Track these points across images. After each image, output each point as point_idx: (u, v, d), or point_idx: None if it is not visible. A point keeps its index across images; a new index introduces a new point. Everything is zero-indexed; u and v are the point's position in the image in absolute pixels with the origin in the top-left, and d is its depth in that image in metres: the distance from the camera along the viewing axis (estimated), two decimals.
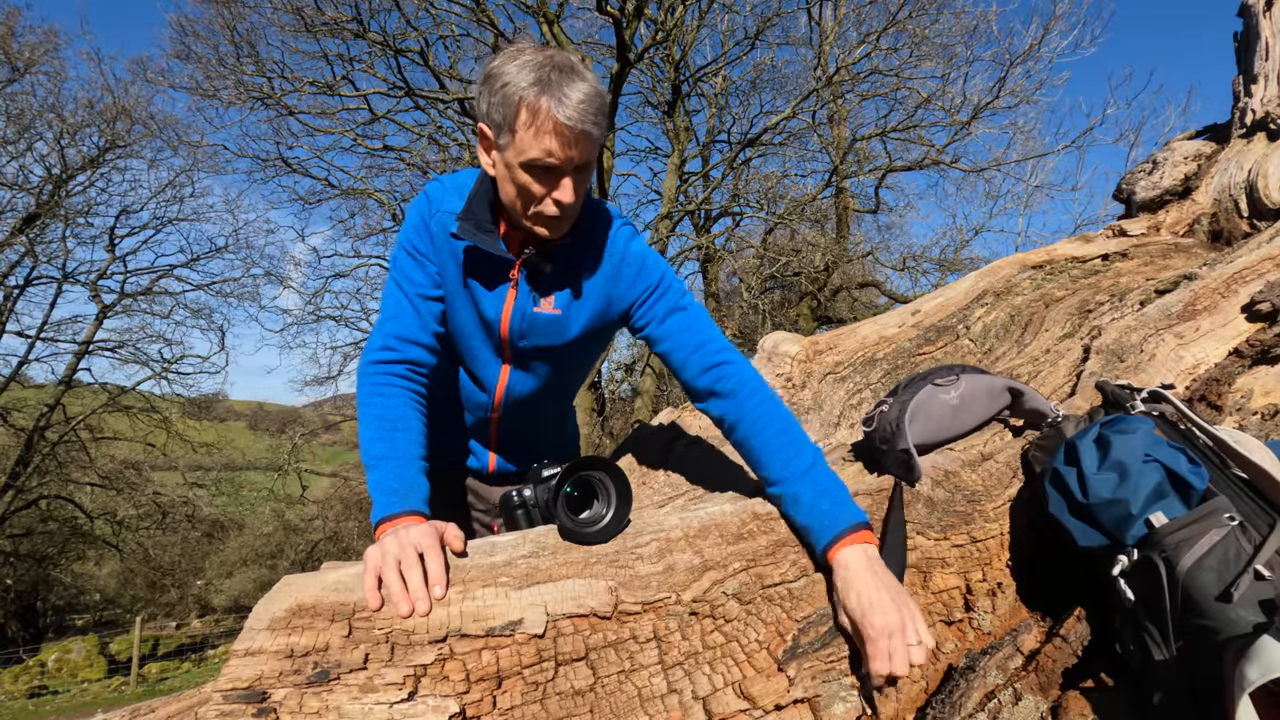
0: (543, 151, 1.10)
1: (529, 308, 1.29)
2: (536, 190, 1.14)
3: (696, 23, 11.08)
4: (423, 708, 0.81)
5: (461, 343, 1.36)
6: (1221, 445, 0.99)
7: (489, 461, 1.54)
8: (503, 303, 1.29)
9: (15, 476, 14.73)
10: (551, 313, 1.30)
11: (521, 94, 1.08)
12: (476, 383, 1.41)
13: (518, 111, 1.10)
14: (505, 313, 1.30)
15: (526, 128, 1.10)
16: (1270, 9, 3.00)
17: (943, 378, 1.35)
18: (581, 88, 1.09)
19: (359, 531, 18.78)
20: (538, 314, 1.30)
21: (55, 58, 14.59)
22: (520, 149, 1.11)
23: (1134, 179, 3.07)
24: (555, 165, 1.12)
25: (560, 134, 1.09)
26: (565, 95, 1.08)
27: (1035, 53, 10.41)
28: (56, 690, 12.73)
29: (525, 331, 1.32)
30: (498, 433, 1.49)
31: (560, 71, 1.09)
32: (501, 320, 1.30)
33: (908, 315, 2.12)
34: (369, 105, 10.90)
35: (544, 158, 1.11)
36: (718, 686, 0.93)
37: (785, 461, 1.13)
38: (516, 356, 1.36)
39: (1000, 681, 0.96)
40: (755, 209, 12.06)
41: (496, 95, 1.12)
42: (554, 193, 1.14)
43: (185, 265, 17.22)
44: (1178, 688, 0.83)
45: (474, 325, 1.33)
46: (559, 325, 1.31)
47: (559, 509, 1.05)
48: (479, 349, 1.35)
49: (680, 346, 1.27)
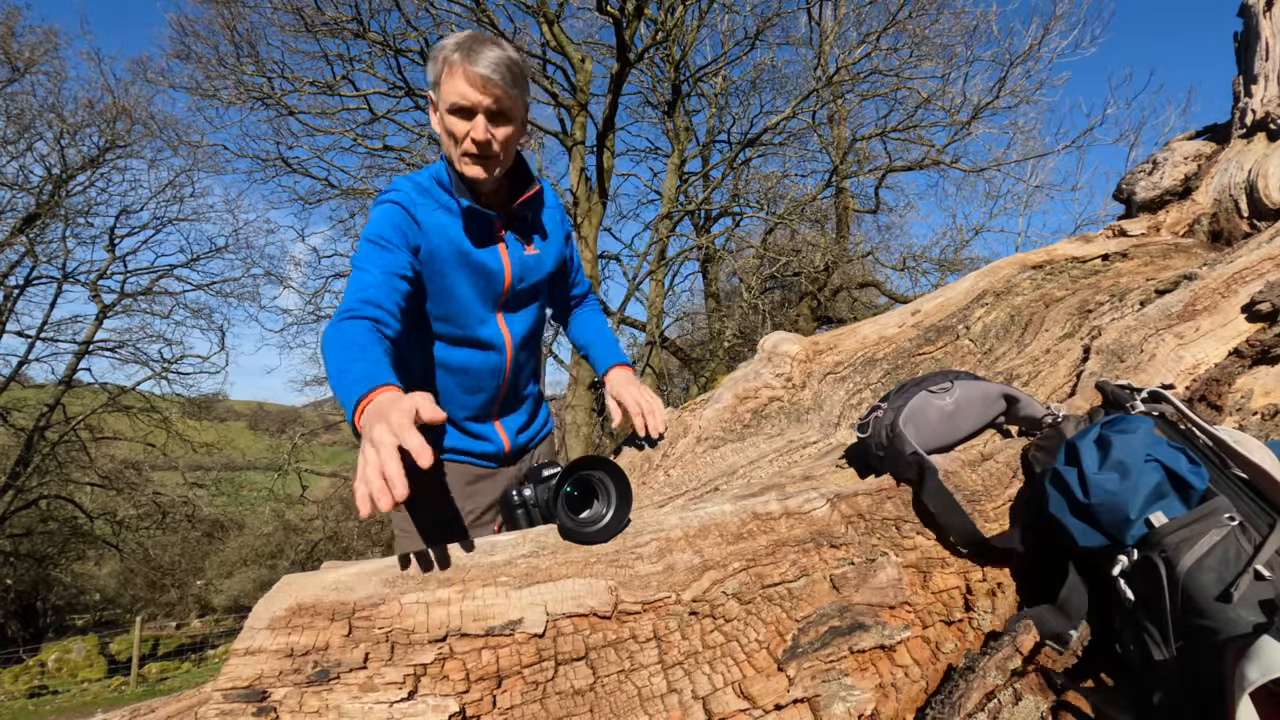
0: (458, 95, 1.38)
1: (521, 253, 1.58)
2: (459, 130, 1.41)
3: (696, 23, 11.08)
4: (423, 707, 0.81)
5: (459, 313, 1.52)
6: (1221, 445, 0.99)
7: (502, 440, 1.68)
8: (498, 255, 1.54)
9: (15, 476, 14.73)
10: (534, 253, 1.61)
11: (446, 55, 1.39)
12: (481, 346, 1.57)
13: (442, 68, 1.39)
14: (506, 262, 1.54)
15: (448, 79, 1.38)
16: (1270, 9, 3.00)
17: (937, 384, 1.34)
18: (493, 51, 1.38)
19: (359, 531, 18.78)
20: (527, 256, 1.59)
21: (55, 58, 14.60)
22: (444, 97, 1.39)
23: (1134, 179, 3.07)
24: (467, 106, 1.39)
25: (471, 80, 1.37)
26: (477, 54, 1.37)
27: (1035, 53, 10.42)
28: (56, 690, 12.73)
29: (523, 274, 1.58)
30: (506, 393, 1.66)
31: (477, 40, 1.39)
32: (505, 269, 1.54)
33: (908, 315, 2.12)
34: (369, 105, 10.90)
35: (459, 100, 1.38)
36: (718, 686, 0.93)
37: (596, 340, 1.83)
38: (509, 302, 1.59)
39: (1000, 681, 0.96)
40: (755, 209, 12.06)
41: (431, 63, 1.43)
42: (472, 132, 1.40)
43: (185, 265, 17.24)
44: (1178, 688, 0.83)
45: (472, 285, 1.51)
46: (540, 262, 1.62)
47: (559, 508, 1.05)
48: (476, 309, 1.54)
49: (575, 266, 1.82)
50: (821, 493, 1.18)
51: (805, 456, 1.55)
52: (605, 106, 10.17)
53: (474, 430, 1.62)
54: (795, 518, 1.14)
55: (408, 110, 11.22)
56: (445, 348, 1.54)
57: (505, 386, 1.64)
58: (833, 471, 1.35)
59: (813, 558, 1.09)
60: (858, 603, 1.04)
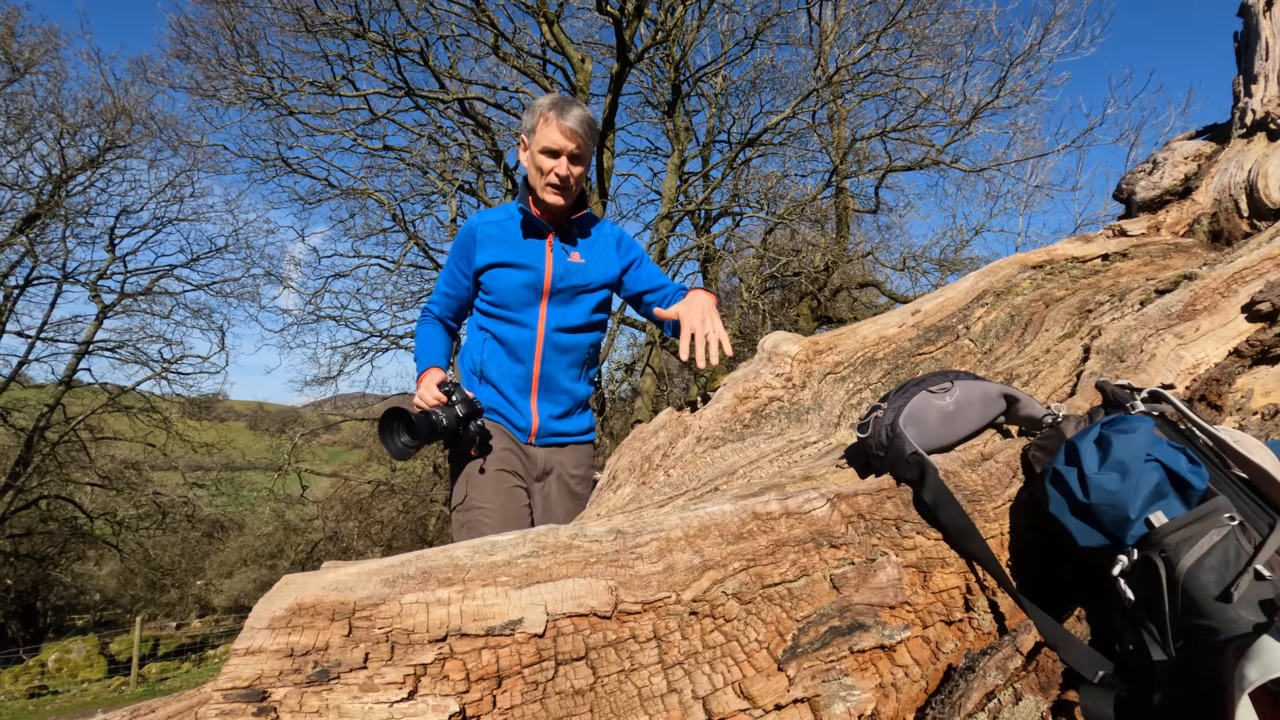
0: (550, 141, 1.90)
1: (564, 258, 2.02)
2: (546, 166, 1.92)
3: (696, 23, 11.08)
4: (423, 707, 0.81)
5: (511, 295, 1.99)
6: (1221, 445, 0.99)
7: (532, 418, 2.03)
8: (544, 255, 2.00)
9: (15, 476, 14.72)
10: (579, 262, 2.04)
11: (542, 110, 1.92)
12: (519, 324, 2.00)
13: (538, 119, 1.92)
14: (548, 261, 2.00)
15: (544, 127, 1.91)
16: (1270, 9, 3.00)
17: (937, 383, 1.34)
18: (579, 110, 1.91)
19: (359, 531, 18.77)
20: (571, 262, 2.02)
21: (55, 58, 14.61)
22: (539, 140, 1.91)
23: (1134, 179, 3.07)
24: (556, 150, 1.91)
25: (563, 131, 1.89)
26: (568, 111, 1.90)
27: (1035, 53, 10.42)
28: (56, 690, 12.74)
29: (563, 274, 2.01)
30: (540, 374, 2.02)
31: (566, 100, 1.93)
32: (546, 266, 1.99)
33: (908, 315, 2.12)
34: (369, 105, 10.90)
35: (550, 145, 1.90)
36: (717, 686, 0.93)
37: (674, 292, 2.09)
38: (554, 294, 2.01)
39: (1000, 681, 0.96)
40: (755, 209, 12.07)
41: (529, 113, 1.97)
42: (555, 168, 1.91)
43: (185, 265, 17.24)
44: (1178, 688, 0.83)
45: (517, 273, 1.97)
46: (584, 270, 2.04)
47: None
48: (521, 294, 1.98)
49: (649, 278, 2.16)
50: (821, 493, 1.18)
51: (805, 456, 1.55)
52: (605, 106, 10.17)
53: (514, 401, 2.03)
54: (795, 518, 1.14)
55: (408, 110, 11.24)
56: (496, 323, 2.02)
57: (538, 365, 2.01)
58: (833, 471, 1.35)
59: (813, 558, 1.09)
60: (858, 603, 1.04)
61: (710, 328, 1.72)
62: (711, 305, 1.81)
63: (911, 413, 1.27)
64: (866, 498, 1.19)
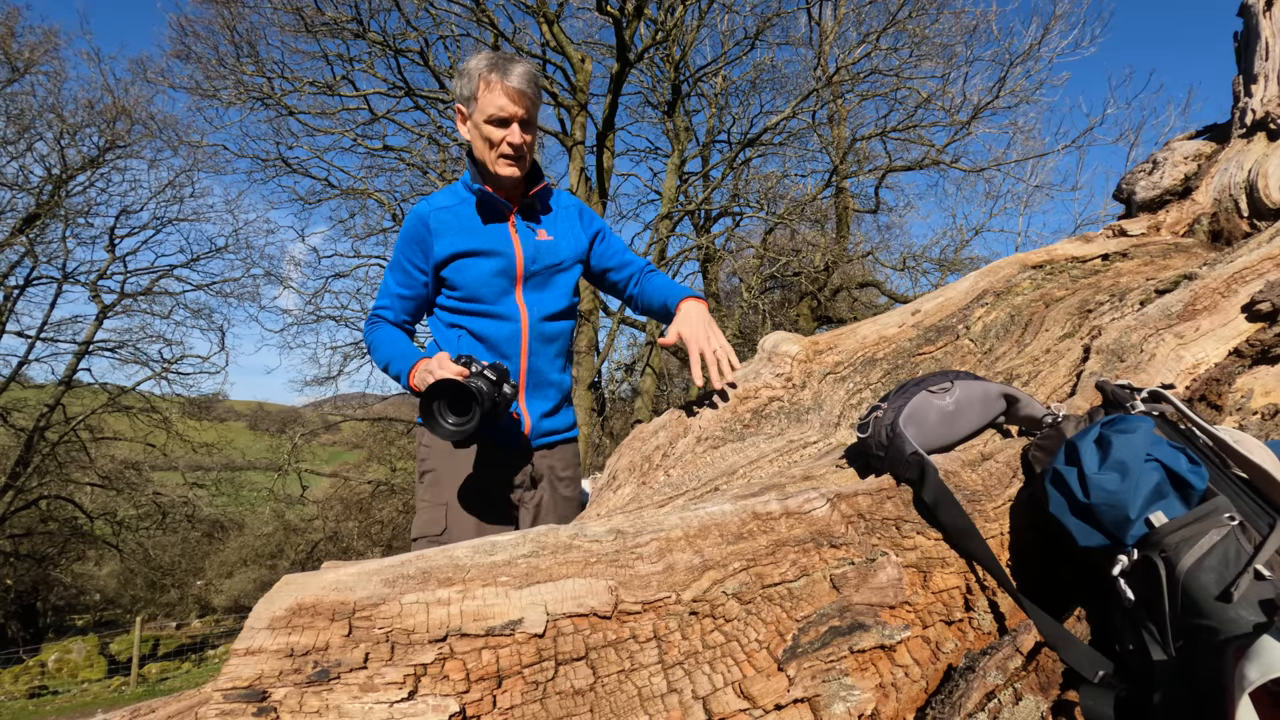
0: (496, 107, 1.66)
1: (532, 237, 1.82)
2: (495, 137, 1.70)
3: (696, 23, 11.09)
4: (423, 707, 0.81)
5: (482, 286, 1.77)
6: (1221, 445, 0.99)
7: (523, 422, 1.84)
8: (509, 238, 1.79)
9: (15, 476, 14.72)
10: (548, 239, 1.84)
11: (481, 73, 1.66)
12: (499, 317, 1.80)
13: (478, 84, 1.67)
14: (516, 243, 1.79)
15: (485, 93, 1.67)
16: (1270, 9, 3.00)
17: (937, 383, 1.34)
18: (522, 66, 1.68)
19: (359, 531, 18.78)
20: (540, 240, 1.83)
21: (55, 58, 14.62)
22: (482, 108, 1.68)
23: (1134, 179, 3.07)
24: (505, 118, 1.68)
25: (509, 94, 1.66)
26: (510, 70, 1.66)
27: (1035, 53, 10.43)
28: (56, 690, 12.74)
29: (535, 255, 1.81)
30: (528, 369, 1.83)
31: (504, 57, 1.69)
32: (515, 249, 1.79)
33: (908, 315, 2.11)
34: (369, 105, 10.90)
35: (498, 112, 1.67)
36: (718, 686, 0.93)
37: (660, 289, 1.90)
38: (529, 278, 1.81)
39: (1000, 681, 0.96)
40: (755, 209, 12.07)
41: (463, 78, 1.70)
42: (508, 137, 1.69)
43: (185, 265, 17.25)
44: (1178, 688, 0.83)
45: (485, 261, 1.76)
46: (554, 247, 1.85)
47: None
48: (494, 283, 1.78)
49: (615, 253, 2.00)
50: (821, 493, 1.18)
51: (805, 456, 1.55)
52: (605, 106, 10.18)
53: None
54: (795, 518, 1.14)
55: (408, 110, 11.24)
56: (471, 319, 1.80)
57: (525, 360, 1.82)
58: (833, 471, 1.35)
59: (813, 557, 1.09)
60: (858, 603, 1.04)
61: (717, 344, 1.68)
62: (710, 319, 1.75)
63: (911, 413, 1.27)
64: (866, 498, 1.19)
